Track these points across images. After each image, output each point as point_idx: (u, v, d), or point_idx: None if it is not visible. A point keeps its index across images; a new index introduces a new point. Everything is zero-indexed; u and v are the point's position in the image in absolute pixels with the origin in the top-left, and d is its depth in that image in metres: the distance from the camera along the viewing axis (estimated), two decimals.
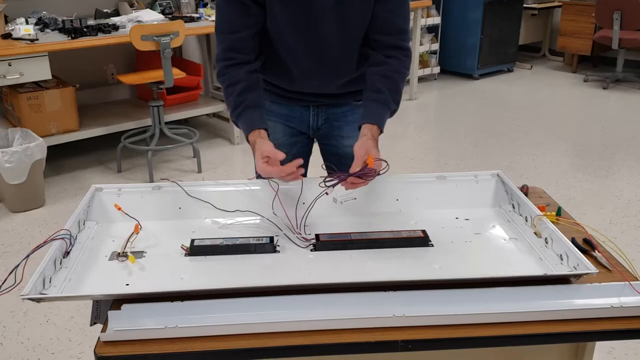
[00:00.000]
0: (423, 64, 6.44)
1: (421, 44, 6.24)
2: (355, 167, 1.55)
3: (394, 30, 1.76)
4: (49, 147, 3.67)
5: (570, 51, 7.00)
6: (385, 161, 1.58)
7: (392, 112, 1.76)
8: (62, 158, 4.34)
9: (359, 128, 1.69)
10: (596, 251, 1.48)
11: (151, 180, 3.99)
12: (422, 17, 6.08)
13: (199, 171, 4.22)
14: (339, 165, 1.98)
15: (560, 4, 7.00)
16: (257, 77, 1.75)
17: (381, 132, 1.69)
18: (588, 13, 6.53)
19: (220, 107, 4.83)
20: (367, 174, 1.52)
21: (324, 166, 1.61)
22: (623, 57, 6.42)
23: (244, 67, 1.73)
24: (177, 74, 4.05)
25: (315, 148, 2.05)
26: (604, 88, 6.32)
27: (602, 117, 5.48)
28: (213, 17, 4.50)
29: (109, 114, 4.48)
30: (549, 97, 6.14)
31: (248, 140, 1.68)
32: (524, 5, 6.89)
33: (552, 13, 7.39)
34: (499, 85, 6.57)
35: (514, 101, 6.06)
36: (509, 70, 7.09)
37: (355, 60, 1.80)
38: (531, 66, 7.25)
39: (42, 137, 3.64)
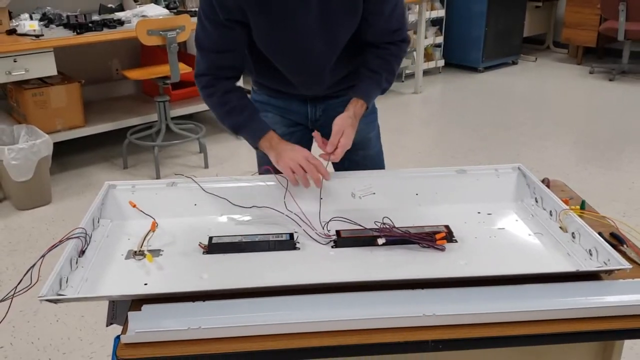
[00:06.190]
0: (427, 57, 6.38)
1: (426, 37, 6.18)
2: (329, 145, 1.63)
3: (392, 33, 1.77)
4: (54, 144, 3.63)
5: (575, 43, 6.95)
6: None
7: (383, 91, 1.81)
8: (67, 155, 4.29)
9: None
10: (625, 246, 1.44)
11: (158, 176, 3.95)
12: (427, 10, 6.02)
13: (206, 167, 4.18)
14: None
15: None
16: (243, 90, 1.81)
17: (367, 108, 1.76)
18: (593, 4, 6.47)
19: None
20: (424, 240, 1.46)
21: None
22: (629, 49, 6.36)
23: (233, 80, 1.77)
24: (183, 68, 4.01)
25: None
26: (610, 80, 6.27)
27: (609, 109, 5.43)
28: None
29: (115, 110, 4.43)
30: (554, 90, 6.09)
31: (257, 143, 1.73)
32: None
33: (557, 5, 7.33)
34: (503, 77, 6.53)
35: (519, 94, 6.02)
36: (514, 63, 7.04)
37: (340, 60, 1.78)
38: (536, 58, 7.19)
39: (47, 133, 3.60)
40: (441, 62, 6.60)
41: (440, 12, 6.43)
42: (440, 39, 6.56)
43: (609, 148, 4.48)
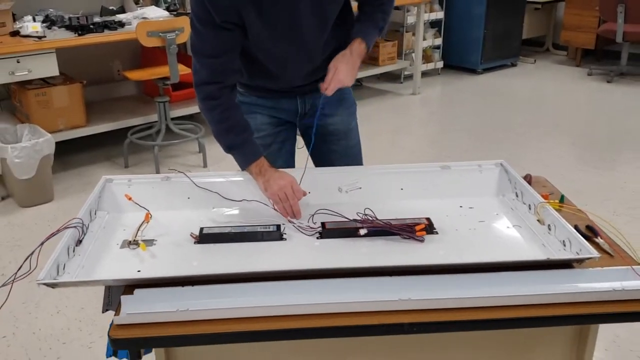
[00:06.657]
0: (426, 58, 6.45)
1: (424, 39, 6.25)
2: (325, 81, 1.73)
3: None
4: (56, 143, 3.70)
5: (574, 45, 7.00)
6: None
7: (380, 30, 1.88)
8: (69, 154, 4.37)
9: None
10: (599, 237, 1.50)
11: None
12: (426, 11, 6.09)
13: (205, 166, 4.25)
14: (322, 144, 1.98)
15: None
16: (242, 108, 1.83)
17: (368, 48, 1.83)
18: (592, 6, 6.52)
19: None
20: (404, 231, 1.52)
21: (359, 214, 1.58)
22: (627, 51, 6.40)
23: (234, 91, 1.79)
24: (183, 69, 4.07)
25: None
26: (608, 82, 6.32)
27: (607, 111, 5.48)
28: None
29: (116, 110, 4.50)
30: (553, 91, 6.14)
31: (248, 166, 1.74)
32: None
33: (556, 7, 7.38)
34: (502, 79, 6.58)
35: (517, 95, 6.07)
36: (513, 65, 7.09)
37: (329, 38, 1.82)
38: (535, 60, 7.25)
39: (50, 132, 3.68)
40: (440, 64, 6.66)
41: (439, 14, 6.49)
42: (439, 41, 6.62)
43: (604, 149, 4.53)
